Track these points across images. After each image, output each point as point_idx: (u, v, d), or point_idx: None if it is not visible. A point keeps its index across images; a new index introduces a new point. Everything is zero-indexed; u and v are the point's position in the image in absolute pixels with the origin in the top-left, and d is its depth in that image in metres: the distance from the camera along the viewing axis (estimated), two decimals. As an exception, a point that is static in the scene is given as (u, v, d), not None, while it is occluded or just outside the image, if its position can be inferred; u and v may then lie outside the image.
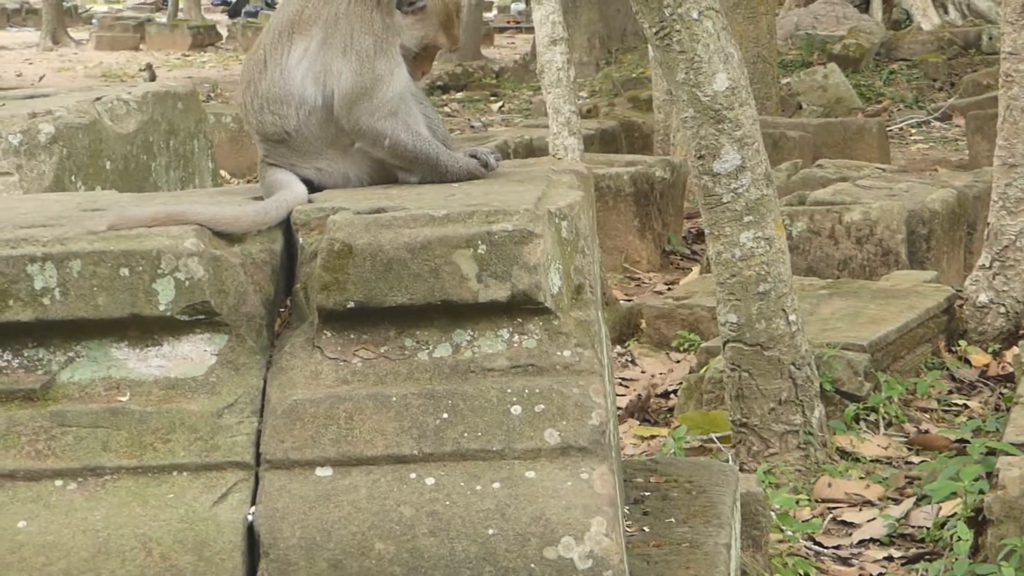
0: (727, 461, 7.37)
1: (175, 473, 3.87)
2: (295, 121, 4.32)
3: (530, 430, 3.85)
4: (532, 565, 3.72)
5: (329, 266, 3.93)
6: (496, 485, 3.81)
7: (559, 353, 3.97)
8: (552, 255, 4.01)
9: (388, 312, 3.97)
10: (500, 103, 25.33)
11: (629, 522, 4.56)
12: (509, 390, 3.89)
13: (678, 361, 9.44)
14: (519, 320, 3.99)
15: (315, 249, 4.03)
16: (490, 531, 3.77)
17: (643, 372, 9.32)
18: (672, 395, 8.84)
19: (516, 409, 3.87)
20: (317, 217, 4.12)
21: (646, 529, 4.56)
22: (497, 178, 4.50)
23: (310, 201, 4.26)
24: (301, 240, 4.13)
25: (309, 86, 4.30)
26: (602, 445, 3.83)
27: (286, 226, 4.20)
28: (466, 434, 3.86)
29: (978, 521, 6.44)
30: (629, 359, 9.56)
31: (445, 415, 3.88)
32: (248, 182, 14.83)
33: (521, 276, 3.93)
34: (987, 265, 9.67)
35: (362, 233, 3.95)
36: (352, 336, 4.00)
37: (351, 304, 3.94)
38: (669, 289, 11.35)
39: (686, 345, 9.54)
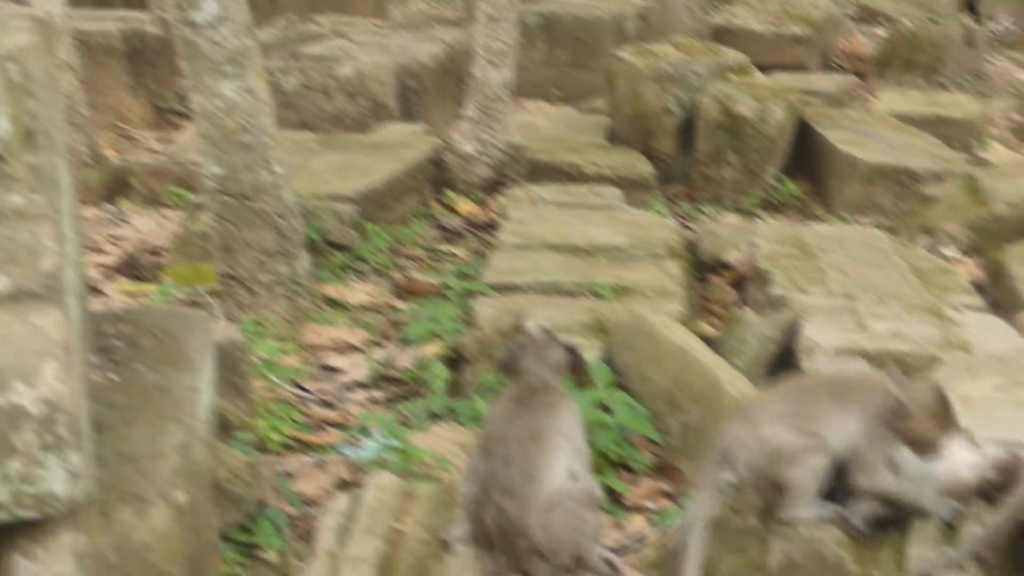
0: (214, 314, 7.38)
1: None
2: None
3: (-21, 277, 3.74)
4: (-16, 413, 3.64)
5: None
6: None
7: (9, 198, 3.86)
8: (-1, 98, 3.88)
9: None
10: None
11: (97, 370, 4.51)
12: (-42, 236, 3.76)
13: (169, 218, 9.33)
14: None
15: None
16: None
17: (134, 229, 9.18)
18: (163, 252, 8.74)
19: (-35, 255, 3.75)
20: None
21: (114, 376, 4.52)
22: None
23: None
24: None
25: None
26: (55, 290, 3.76)
27: None
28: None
29: (456, 360, 6.69)
30: (120, 216, 9.39)
31: None
32: None
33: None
34: (472, 116, 9.95)
35: None
36: None
37: None
38: (163, 147, 11.18)
39: (178, 201, 9.44)
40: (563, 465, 3.74)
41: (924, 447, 3.99)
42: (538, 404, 3.79)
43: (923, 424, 3.97)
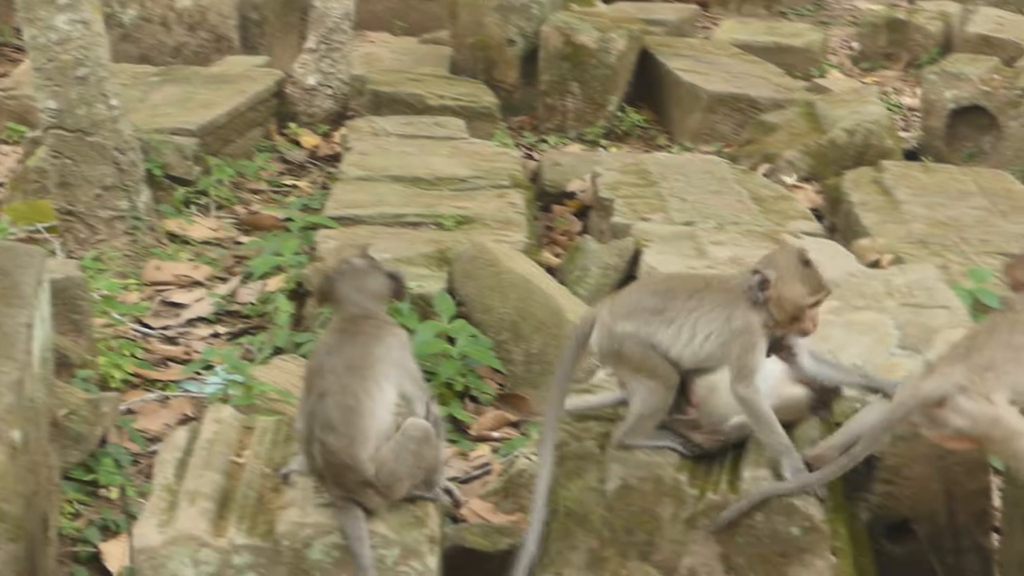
0: (53, 251, 7.27)
1: None
2: None
3: None
4: None
5: None
6: None
7: None
8: None
9: None
10: None
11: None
12: None
13: (5, 153, 9.15)
14: None
15: None
16: None
17: (-29, 168, 8.99)
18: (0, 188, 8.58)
19: None
20: None
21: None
22: None
23: None
24: None
25: None
26: None
27: None
28: None
29: (299, 293, 6.67)
30: (-45, 154, 9.20)
31: None
32: None
33: None
34: (314, 48, 9.87)
35: None
36: None
37: None
38: (-1, 81, 10.94)
39: (14, 137, 9.26)
40: (389, 395, 3.71)
41: (795, 319, 3.95)
42: (360, 334, 3.74)
43: (791, 289, 3.93)
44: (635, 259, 6.85)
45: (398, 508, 3.71)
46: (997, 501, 4.86)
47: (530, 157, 9.83)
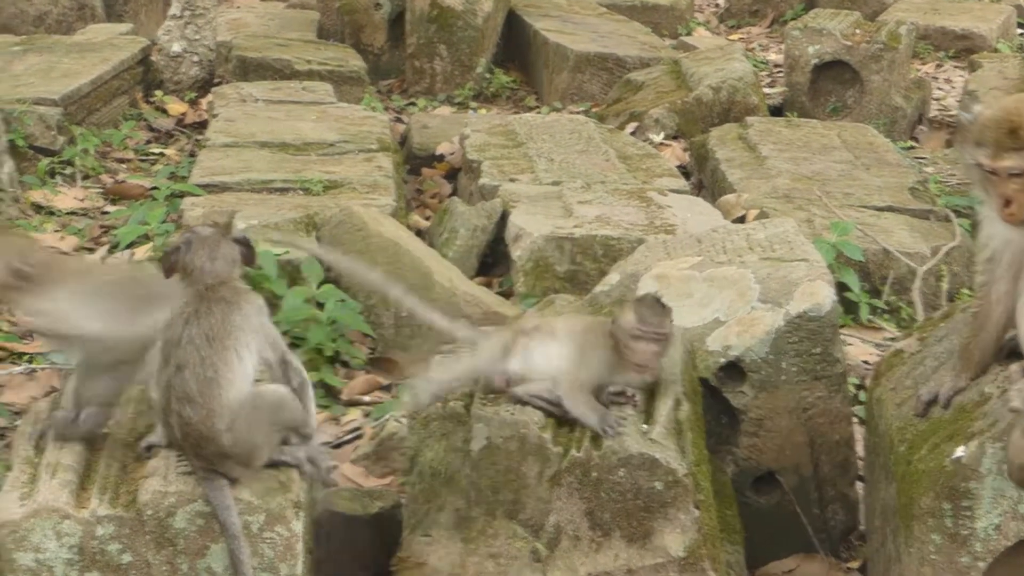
0: (-87, 224, 7.16)
1: None
2: None
3: None
4: None
5: None
6: None
7: None
8: None
9: None
10: None
11: None
12: None
13: None
14: None
15: None
16: None
17: None
18: None
19: None
20: None
21: None
22: None
23: None
24: None
25: None
26: None
27: None
28: None
29: (167, 262, 6.61)
30: None
31: None
32: None
33: None
34: (178, 15, 9.78)
35: None
36: None
37: None
38: None
39: None
40: (249, 364, 3.69)
41: None
42: (217, 302, 3.71)
43: None
44: (503, 220, 6.88)
45: (261, 475, 3.71)
46: (860, 451, 4.95)
47: (399, 120, 9.81)
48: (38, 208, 7.71)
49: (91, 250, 7.32)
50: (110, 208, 7.91)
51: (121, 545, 3.60)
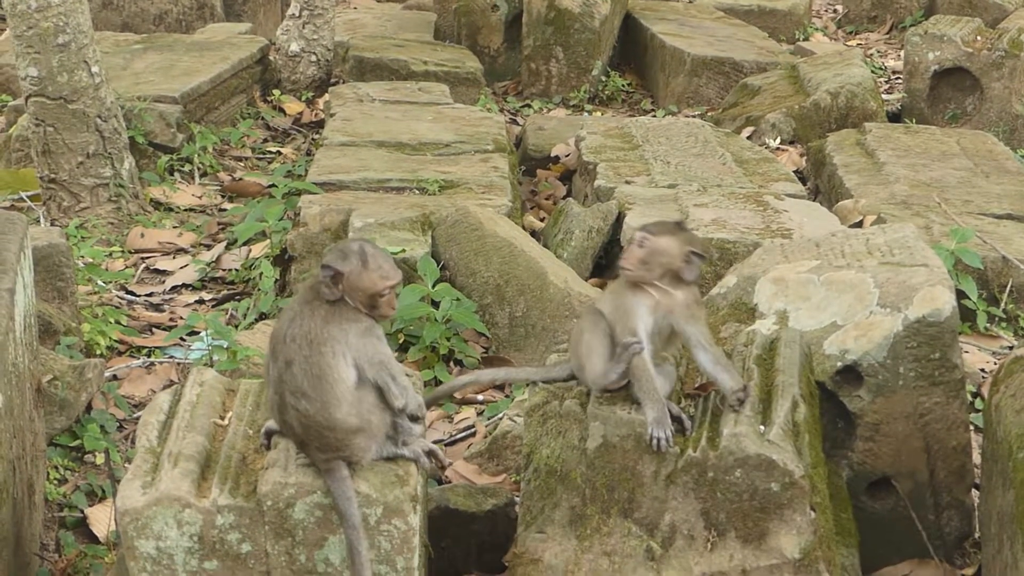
0: (37, 219, 7.28)
1: None
2: None
3: None
4: None
5: None
6: None
7: None
8: None
9: None
10: None
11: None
12: None
13: (-12, 123, 9.14)
14: None
15: None
16: None
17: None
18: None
19: None
20: None
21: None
22: None
23: None
24: None
25: None
26: None
27: None
28: None
29: (284, 259, 6.69)
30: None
31: None
32: None
33: None
34: (297, 15, 9.86)
35: None
36: None
37: None
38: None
39: (-3, 106, 9.26)
40: (350, 363, 3.66)
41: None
42: (320, 307, 3.69)
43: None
44: (618, 222, 6.87)
45: (380, 468, 3.72)
46: (976, 458, 4.89)
47: (514, 122, 9.84)
48: (157, 204, 7.82)
49: (208, 246, 7.41)
50: (227, 205, 8.00)
51: (240, 535, 3.64)
